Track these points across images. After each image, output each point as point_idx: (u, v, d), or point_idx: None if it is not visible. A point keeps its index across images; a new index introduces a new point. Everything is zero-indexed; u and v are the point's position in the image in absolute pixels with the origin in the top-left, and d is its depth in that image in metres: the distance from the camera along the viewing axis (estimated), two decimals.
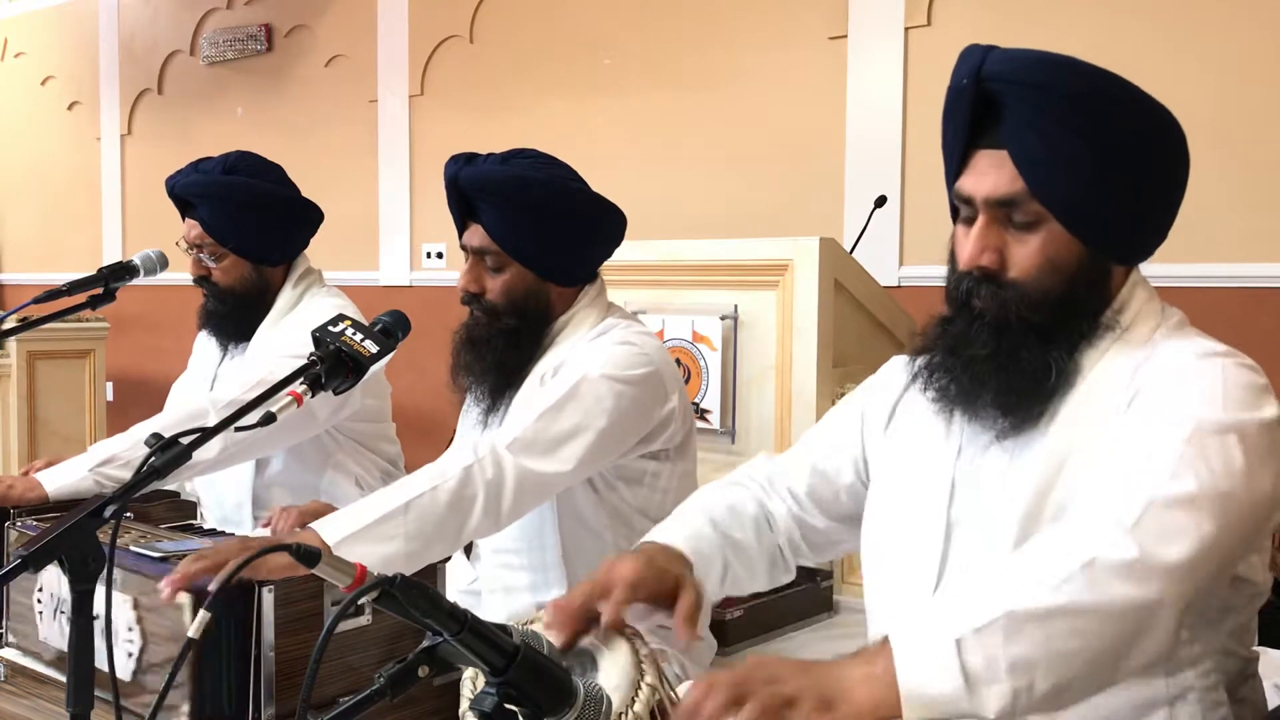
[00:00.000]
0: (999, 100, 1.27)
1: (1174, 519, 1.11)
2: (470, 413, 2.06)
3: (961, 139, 1.32)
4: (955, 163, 1.34)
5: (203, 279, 2.46)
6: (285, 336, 2.40)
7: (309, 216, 2.53)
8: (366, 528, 1.65)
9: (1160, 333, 1.32)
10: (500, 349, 1.95)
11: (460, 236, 1.98)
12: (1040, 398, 1.29)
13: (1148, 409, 1.23)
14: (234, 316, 2.48)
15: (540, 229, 1.91)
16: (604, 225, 2.00)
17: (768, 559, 1.55)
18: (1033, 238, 1.28)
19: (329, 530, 1.65)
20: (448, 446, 1.98)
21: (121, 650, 1.63)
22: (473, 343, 1.98)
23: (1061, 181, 1.26)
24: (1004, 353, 1.29)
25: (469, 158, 1.95)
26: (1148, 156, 1.29)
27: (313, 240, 2.57)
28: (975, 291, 1.31)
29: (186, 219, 2.46)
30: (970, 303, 1.32)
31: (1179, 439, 1.16)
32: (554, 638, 1.19)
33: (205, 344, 2.60)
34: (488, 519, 1.76)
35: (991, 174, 1.29)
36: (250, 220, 2.41)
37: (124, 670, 1.63)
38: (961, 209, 1.34)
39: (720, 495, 1.56)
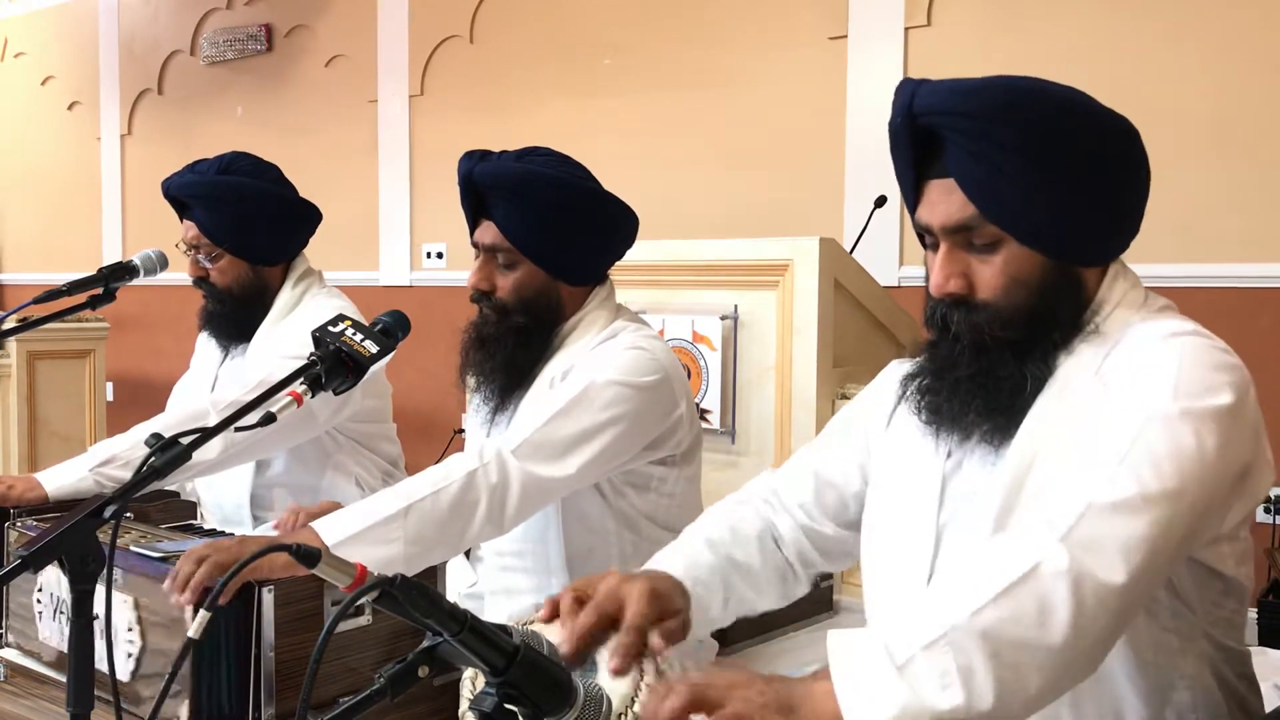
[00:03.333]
0: (937, 132, 1.29)
1: (1109, 525, 1.12)
2: (477, 413, 2.05)
3: (910, 172, 1.34)
4: (910, 195, 1.36)
5: (201, 280, 2.46)
6: (285, 337, 2.40)
7: (306, 216, 2.52)
8: (366, 530, 1.65)
9: (1138, 317, 1.33)
10: (510, 347, 1.94)
11: (472, 233, 1.97)
12: (1020, 408, 1.31)
13: (1108, 403, 1.24)
14: (233, 317, 2.48)
15: (553, 227, 1.90)
16: (617, 225, 2.00)
17: (775, 575, 1.55)
18: (995, 258, 1.30)
19: (328, 531, 1.65)
20: (448, 446, 1.97)
21: (121, 651, 1.63)
22: (482, 341, 1.96)
23: (1010, 201, 1.28)
24: (984, 372, 1.32)
25: (483, 154, 1.94)
26: (1092, 161, 1.29)
27: (312, 240, 2.56)
28: (950, 316, 1.33)
29: (184, 220, 2.46)
30: (947, 326, 1.34)
31: (1126, 436, 1.18)
32: (560, 643, 1.19)
33: (206, 345, 2.60)
34: (490, 524, 1.76)
35: (943, 203, 1.31)
36: (246, 220, 2.41)
37: (123, 671, 1.62)
38: (925, 237, 1.36)
39: (722, 517, 1.57)
